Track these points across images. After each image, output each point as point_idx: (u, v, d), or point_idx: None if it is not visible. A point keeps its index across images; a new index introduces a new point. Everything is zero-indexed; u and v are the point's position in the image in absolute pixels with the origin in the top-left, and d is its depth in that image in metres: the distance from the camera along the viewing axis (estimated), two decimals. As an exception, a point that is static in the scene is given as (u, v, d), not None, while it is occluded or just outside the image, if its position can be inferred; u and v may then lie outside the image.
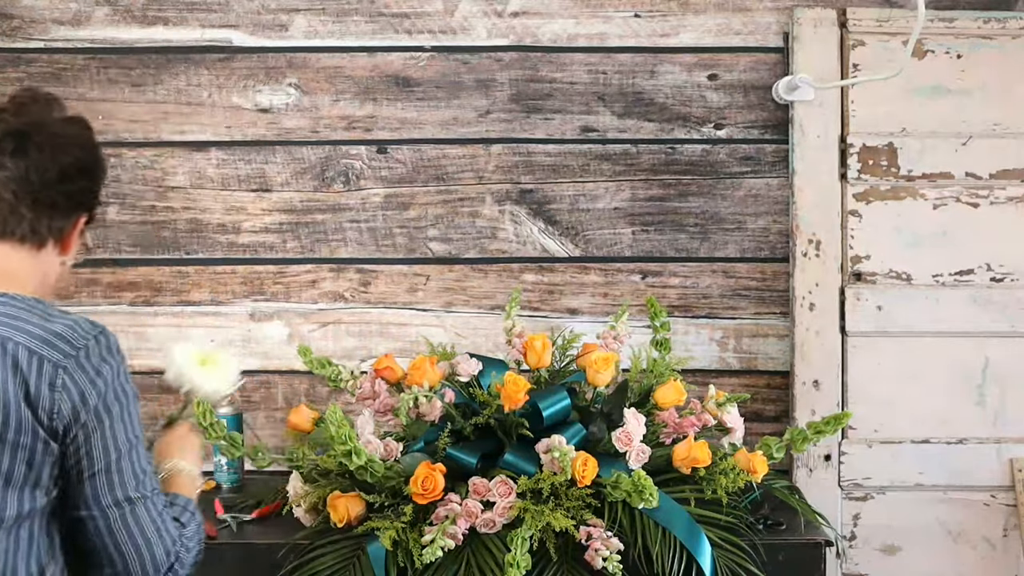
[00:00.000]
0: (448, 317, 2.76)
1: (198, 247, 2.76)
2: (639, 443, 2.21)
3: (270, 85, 2.74)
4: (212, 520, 2.33)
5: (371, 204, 2.75)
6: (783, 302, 2.75)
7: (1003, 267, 2.68)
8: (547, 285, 2.76)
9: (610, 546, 2.08)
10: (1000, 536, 2.70)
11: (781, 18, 2.73)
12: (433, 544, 2.04)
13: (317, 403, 2.72)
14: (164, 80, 2.73)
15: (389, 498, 2.17)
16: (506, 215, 2.75)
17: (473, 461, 2.22)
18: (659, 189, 2.75)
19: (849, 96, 2.68)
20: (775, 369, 2.75)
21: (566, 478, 2.12)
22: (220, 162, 2.75)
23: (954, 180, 2.68)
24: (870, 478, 2.68)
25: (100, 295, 2.76)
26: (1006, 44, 2.67)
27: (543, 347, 2.35)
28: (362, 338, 2.77)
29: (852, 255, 2.69)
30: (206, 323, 2.76)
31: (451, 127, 2.75)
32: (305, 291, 2.77)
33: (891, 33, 2.67)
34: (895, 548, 2.70)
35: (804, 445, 2.31)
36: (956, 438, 2.69)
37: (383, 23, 2.74)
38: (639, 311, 2.70)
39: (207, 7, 2.73)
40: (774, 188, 2.74)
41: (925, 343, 2.68)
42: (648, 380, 2.39)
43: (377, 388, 2.34)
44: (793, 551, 2.22)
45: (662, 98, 2.74)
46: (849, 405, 2.67)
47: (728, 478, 2.21)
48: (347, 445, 2.09)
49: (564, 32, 2.73)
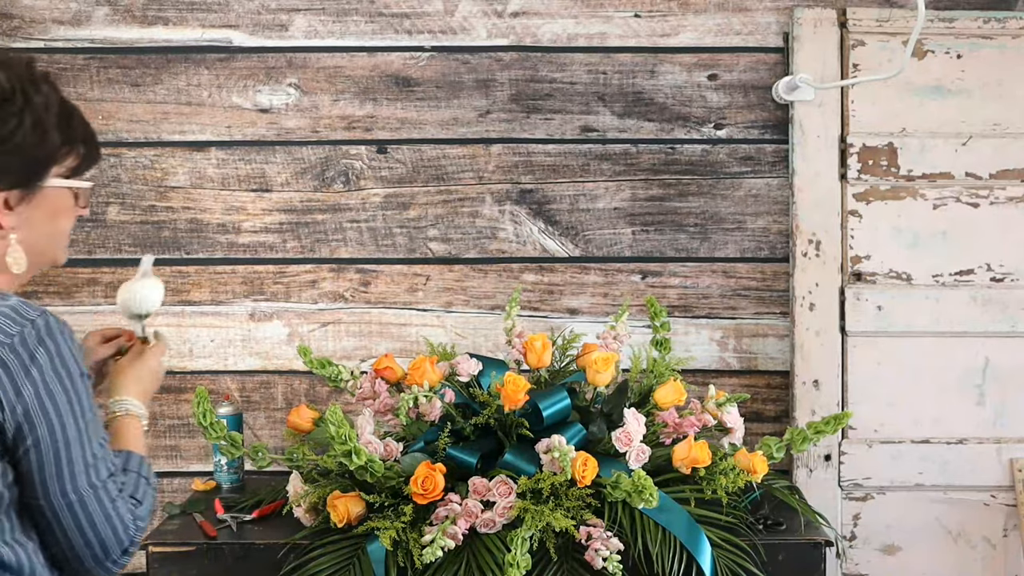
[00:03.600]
0: (448, 317, 2.77)
1: (198, 247, 2.76)
2: (639, 443, 2.21)
3: (270, 85, 2.74)
4: (212, 520, 2.33)
5: (371, 204, 2.75)
6: (783, 302, 2.75)
7: (1003, 267, 2.68)
8: (547, 285, 2.76)
9: (610, 546, 2.08)
10: (1000, 536, 2.70)
11: (781, 18, 2.73)
12: (433, 544, 2.04)
13: (317, 403, 2.73)
14: (164, 80, 2.73)
15: (389, 498, 2.17)
16: (506, 215, 2.76)
17: (473, 461, 2.22)
18: (659, 189, 2.75)
19: (849, 96, 2.68)
20: (775, 369, 2.75)
21: (566, 478, 2.12)
22: (220, 162, 2.75)
23: (954, 180, 2.68)
24: (870, 478, 2.68)
25: (100, 295, 2.76)
26: (1006, 44, 2.67)
27: (543, 347, 2.35)
28: (362, 338, 2.77)
29: (852, 255, 2.69)
30: (206, 323, 2.76)
31: (451, 127, 2.75)
32: (305, 291, 2.77)
33: (891, 33, 2.67)
34: (895, 548, 2.70)
35: (804, 445, 2.31)
36: (956, 438, 2.69)
37: (383, 23, 2.74)
38: (639, 311, 2.70)
39: (207, 7, 2.73)
40: (774, 188, 2.74)
41: (925, 343, 2.68)
42: (648, 380, 2.39)
43: (377, 388, 2.34)
44: (793, 551, 2.22)
45: (662, 98, 2.74)
46: (849, 405, 2.67)
47: (728, 478, 2.21)
48: (347, 445, 2.09)
49: (564, 32, 2.73)
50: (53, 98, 1.62)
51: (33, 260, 1.63)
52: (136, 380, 1.82)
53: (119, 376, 1.83)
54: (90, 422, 1.56)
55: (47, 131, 1.59)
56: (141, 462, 1.70)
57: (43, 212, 1.62)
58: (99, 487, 1.56)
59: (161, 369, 1.89)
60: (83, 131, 1.67)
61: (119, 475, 1.62)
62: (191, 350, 2.76)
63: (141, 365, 1.85)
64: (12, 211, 1.59)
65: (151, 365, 1.87)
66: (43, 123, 1.59)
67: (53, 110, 1.61)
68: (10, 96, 1.56)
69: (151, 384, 1.86)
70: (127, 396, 1.79)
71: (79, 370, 1.55)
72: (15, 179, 1.58)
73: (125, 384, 1.81)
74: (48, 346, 1.51)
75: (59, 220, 1.65)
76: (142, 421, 1.79)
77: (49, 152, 1.61)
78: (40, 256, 1.65)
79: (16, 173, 1.58)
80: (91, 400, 1.57)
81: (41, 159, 1.60)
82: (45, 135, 1.59)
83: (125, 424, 1.76)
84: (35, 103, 1.58)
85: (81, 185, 1.67)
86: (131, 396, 1.80)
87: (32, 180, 1.60)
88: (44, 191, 1.61)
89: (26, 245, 1.61)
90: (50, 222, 1.64)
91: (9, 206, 1.58)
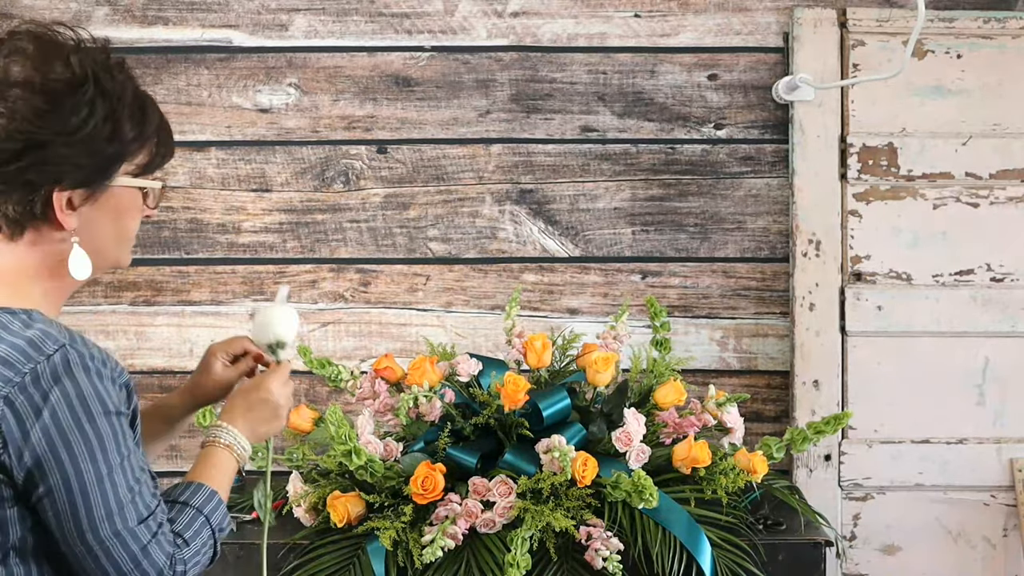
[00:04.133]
0: (448, 317, 2.77)
1: (198, 247, 2.76)
2: (639, 443, 2.21)
3: (270, 85, 2.74)
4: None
5: (371, 204, 2.75)
6: (783, 302, 2.75)
7: (1003, 267, 2.68)
8: (547, 285, 2.76)
9: (610, 546, 2.08)
10: (1000, 536, 2.70)
11: (781, 18, 2.73)
12: (433, 544, 2.04)
13: (317, 403, 2.72)
14: (164, 80, 2.73)
15: (389, 498, 2.17)
16: (506, 215, 2.76)
17: (473, 461, 2.22)
18: (659, 189, 2.75)
19: (849, 96, 2.68)
20: (775, 369, 2.75)
21: (566, 478, 2.12)
22: (220, 162, 2.75)
23: (954, 180, 2.68)
24: (870, 478, 2.68)
25: (100, 295, 2.76)
26: (1006, 44, 2.67)
27: (543, 347, 2.35)
28: (362, 338, 2.77)
29: (852, 255, 2.69)
30: (206, 323, 2.76)
31: (451, 127, 2.75)
32: (305, 291, 2.77)
33: (891, 33, 2.67)
34: (895, 548, 2.70)
35: (804, 445, 2.31)
36: (956, 438, 2.69)
37: (383, 23, 2.74)
38: (639, 311, 2.70)
39: (207, 7, 2.73)
40: (774, 188, 2.74)
41: (925, 343, 2.68)
42: (648, 380, 2.39)
43: (377, 388, 2.34)
44: (793, 551, 2.22)
45: (662, 98, 2.74)
46: (849, 405, 2.67)
47: (728, 478, 2.21)
48: (347, 445, 2.09)
49: (564, 32, 2.73)
50: (129, 87, 1.47)
51: (96, 264, 1.49)
52: (245, 408, 1.63)
53: (231, 400, 1.66)
54: (116, 466, 1.38)
55: (120, 123, 1.44)
56: (209, 497, 1.51)
57: (109, 213, 1.47)
58: (126, 535, 1.38)
59: (279, 398, 1.65)
60: (158, 124, 1.51)
61: (159, 514, 1.42)
62: (191, 350, 2.76)
63: (256, 393, 1.65)
64: (75, 211, 1.44)
65: (266, 393, 1.65)
66: (116, 114, 1.43)
67: (127, 100, 1.45)
68: (83, 82, 1.41)
69: (265, 415, 1.64)
70: (227, 424, 1.60)
71: (105, 408, 1.37)
72: (82, 176, 1.42)
73: (232, 410, 1.63)
74: (65, 385, 1.35)
75: (125, 221, 1.50)
76: (235, 452, 1.59)
77: (120, 147, 1.45)
78: (102, 259, 1.50)
79: (84, 170, 1.42)
80: (124, 438, 1.40)
81: (111, 155, 1.44)
82: (118, 127, 1.44)
83: (209, 453, 1.58)
84: (109, 91, 1.43)
85: (152, 185, 1.51)
86: (232, 424, 1.60)
87: (100, 178, 1.44)
88: (111, 190, 1.46)
89: (89, 248, 1.46)
90: (115, 223, 1.49)
91: (73, 206, 1.43)
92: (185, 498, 1.50)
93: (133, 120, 1.46)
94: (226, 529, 1.53)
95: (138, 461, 1.42)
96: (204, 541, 1.47)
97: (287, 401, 1.67)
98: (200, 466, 1.56)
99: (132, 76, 1.49)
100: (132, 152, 1.47)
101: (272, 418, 1.65)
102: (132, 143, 1.46)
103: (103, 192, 1.45)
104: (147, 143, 1.49)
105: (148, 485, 1.42)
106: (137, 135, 1.46)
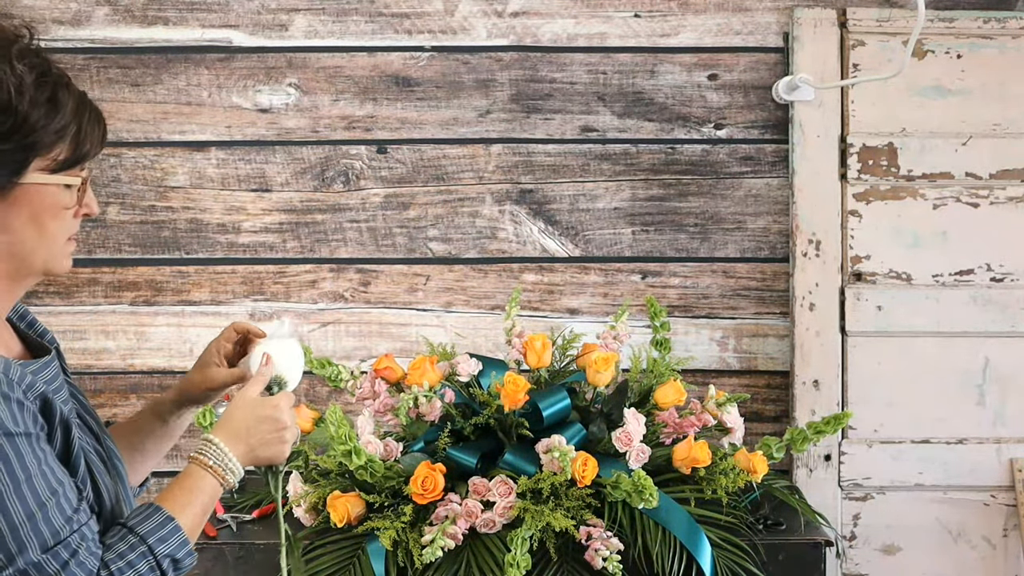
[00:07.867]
0: (448, 317, 2.76)
1: (198, 247, 2.76)
2: (639, 443, 2.21)
3: (270, 85, 2.74)
4: (212, 520, 2.33)
5: (371, 204, 2.75)
6: (783, 302, 2.75)
7: (1003, 267, 2.68)
8: (547, 285, 2.76)
9: (610, 546, 2.08)
10: (1000, 536, 2.70)
11: (781, 18, 2.73)
12: (433, 544, 2.04)
13: (317, 403, 2.72)
14: (164, 80, 2.73)
15: (389, 498, 2.17)
16: (506, 215, 2.76)
17: (473, 461, 2.22)
18: (659, 189, 2.75)
19: (849, 96, 2.68)
20: (775, 369, 2.75)
21: (566, 478, 2.12)
22: (220, 162, 2.75)
23: (954, 180, 2.68)
24: (870, 478, 2.68)
25: (100, 295, 2.76)
26: (1006, 44, 2.67)
27: (543, 347, 2.35)
28: (362, 338, 2.77)
29: (852, 255, 2.69)
30: (206, 323, 2.76)
31: (451, 127, 2.75)
32: (305, 291, 2.77)
33: (891, 33, 2.67)
34: (895, 548, 2.70)
35: (804, 445, 2.31)
36: (956, 438, 2.69)
37: (383, 23, 2.74)
38: (639, 311, 2.70)
39: (207, 7, 2.73)
40: (774, 188, 2.74)
41: (925, 343, 2.68)
42: (648, 380, 2.39)
43: (377, 388, 2.34)
44: (793, 551, 2.22)
45: (662, 98, 2.74)
46: (849, 405, 2.67)
47: (728, 478, 2.21)
48: (347, 445, 2.09)
49: (564, 32, 2.73)
50: (34, 73, 1.33)
51: (14, 268, 1.37)
52: (247, 425, 1.48)
53: (230, 411, 1.50)
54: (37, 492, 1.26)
55: (20, 114, 1.30)
56: (160, 524, 1.35)
57: (23, 213, 1.34)
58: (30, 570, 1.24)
59: (287, 419, 1.51)
60: (74, 113, 1.37)
61: (73, 539, 1.28)
62: (191, 350, 2.75)
63: (263, 409, 1.51)
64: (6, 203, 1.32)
65: (274, 411, 1.51)
66: (13, 105, 1.30)
67: (28, 90, 1.31)
68: None
69: (270, 436, 1.50)
70: (219, 440, 1.46)
71: (7, 428, 1.25)
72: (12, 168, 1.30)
73: (228, 424, 1.48)
74: None
75: (44, 222, 1.36)
76: (219, 475, 1.43)
77: (26, 141, 1.31)
78: (27, 265, 1.37)
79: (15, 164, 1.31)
80: (34, 459, 1.27)
81: (14, 150, 1.31)
82: (20, 120, 1.31)
83: (189, 473, 1.43)
84: (4, 81, 1.30)
85: (70, 181, 1.37)
86: (225, 441, 1.46)
87: (5, 176, 1.31)
88: (24, 188, 1.33)
89: (8, 252, 1.35)
90: (34, 225, 1.35)
91: None
92: (133, 523, 1.35)
93: (39, 111, 1.32)
94: (183, 563, 1.36)
95: (47, 483, 1.28)
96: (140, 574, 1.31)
97: (294, 425, 1.54)
98: (174, 486, 1.42)
99: (44, 62, 1.35)
100: (46, 145, 1.33)
101: (277, 441, 1.51)
102: (41, 135, 1.32)
103: (13, 191, 1.32)
104: (63, 135, 1.35)
105: (62, 507, 1.28)
106: (45, 126, 1.32)
